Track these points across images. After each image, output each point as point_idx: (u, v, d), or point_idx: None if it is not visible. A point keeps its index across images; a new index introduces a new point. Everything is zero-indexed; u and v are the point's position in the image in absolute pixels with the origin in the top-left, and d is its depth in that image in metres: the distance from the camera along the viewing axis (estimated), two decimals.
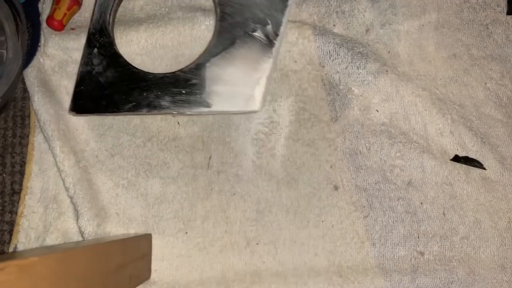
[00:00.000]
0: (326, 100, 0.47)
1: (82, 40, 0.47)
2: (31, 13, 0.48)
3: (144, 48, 0.48)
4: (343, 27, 0.49)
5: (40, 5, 0.50)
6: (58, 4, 0.48)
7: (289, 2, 0.45)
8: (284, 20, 0.45)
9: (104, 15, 0.46)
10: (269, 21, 0.45)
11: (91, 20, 0.47)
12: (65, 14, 0.48)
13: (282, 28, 0.45)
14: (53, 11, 0.48)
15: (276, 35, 0.45)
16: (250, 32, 0.45)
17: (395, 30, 0.49)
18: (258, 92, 0.44)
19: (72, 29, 0.49)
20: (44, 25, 0.49)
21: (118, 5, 0.48)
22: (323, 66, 0.47)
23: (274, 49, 0.45)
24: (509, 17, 0.49)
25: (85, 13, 0.50)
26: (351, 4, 0.49)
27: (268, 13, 0.45)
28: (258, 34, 0.44)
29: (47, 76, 0.48)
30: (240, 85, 0.42)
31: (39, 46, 0.49)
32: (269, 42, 0.45)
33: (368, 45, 0.48)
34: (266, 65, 0.45)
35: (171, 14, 0.48)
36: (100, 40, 0.46)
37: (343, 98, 0.47)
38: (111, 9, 0.46)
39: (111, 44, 0.46)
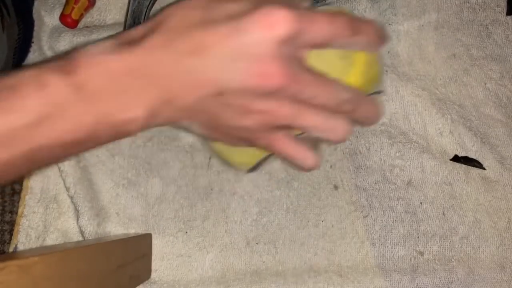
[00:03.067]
0: None
1: (94, 36, 0.47)
2: (22, 8, 0.48)
3: None
4: None
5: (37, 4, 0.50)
6: (77, 4, 0.48)
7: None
8: None
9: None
10: None
11: (124, 26, 0.46)
12: (82, 14, 0.49)
13: None
14: (71, 10, 0.48)
15: None
16: None
17: (395, 30, 0.49)
18: None
19: (87, 27, 0.49)
20: (50, 22, 0.49)
21: (150, 10, 0.48)
22: None
23: None
24: (509, 17, 0.49)
25: (93, 12, 0.50)
26: (351, 4, 0.49)
27: None
28: None
29: None
30: None
31: (32, 42, 0.49)
32: None
33: None
34: None
35: None
36: None
37: None
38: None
39: None
